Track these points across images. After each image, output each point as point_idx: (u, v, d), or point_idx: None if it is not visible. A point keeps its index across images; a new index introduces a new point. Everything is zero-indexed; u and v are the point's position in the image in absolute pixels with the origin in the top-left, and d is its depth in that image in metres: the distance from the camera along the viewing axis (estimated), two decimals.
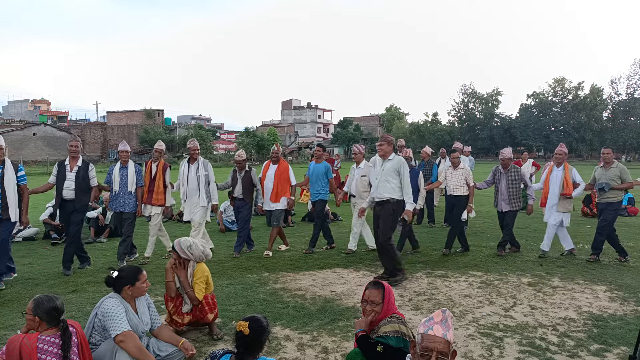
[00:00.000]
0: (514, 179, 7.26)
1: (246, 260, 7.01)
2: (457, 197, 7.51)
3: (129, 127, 58.72)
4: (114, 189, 6.76)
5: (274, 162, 7.63)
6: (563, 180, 7.03)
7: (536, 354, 3.78)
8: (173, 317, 4.12)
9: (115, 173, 6.79)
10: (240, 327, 2.67)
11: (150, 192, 7.03)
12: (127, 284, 3.34)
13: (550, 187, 7.18)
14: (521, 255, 7.31)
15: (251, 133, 56.06)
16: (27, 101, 78.72)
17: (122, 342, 3.08)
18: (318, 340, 4.05)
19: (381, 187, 5.91)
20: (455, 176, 7.53)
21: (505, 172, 7.35)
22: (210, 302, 4.17)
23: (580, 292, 5.43)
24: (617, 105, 63.42)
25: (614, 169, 6.84)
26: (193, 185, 7.11)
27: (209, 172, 7.19)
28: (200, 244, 4.21)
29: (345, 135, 66.82)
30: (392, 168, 5.87)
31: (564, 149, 7.31)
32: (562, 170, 7.10)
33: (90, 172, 6.43)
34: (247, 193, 7.43)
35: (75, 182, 6.28)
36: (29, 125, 50.11)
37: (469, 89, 70.23)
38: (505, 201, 7.30)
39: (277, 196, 7.47)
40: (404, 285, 5.69)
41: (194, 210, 7.17)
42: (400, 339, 2.86)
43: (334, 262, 6.91)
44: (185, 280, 4.11)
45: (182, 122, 76.26)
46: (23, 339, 2.73)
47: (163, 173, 7.07)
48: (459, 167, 7.55)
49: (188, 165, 7.21)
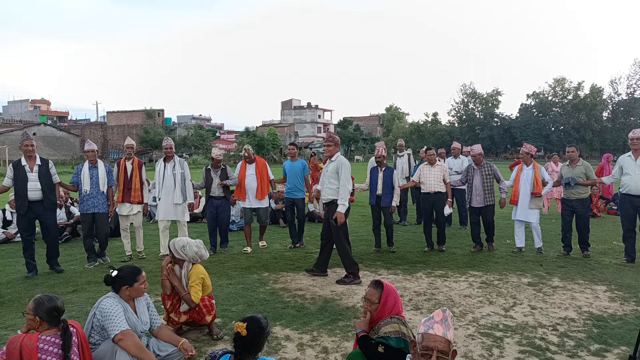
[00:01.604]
0: (488, 174, 7.49)
1: (246, 260, 7.01)
2: (438, 194, 7.58)
3: (129, 127, 58.73)
4: (84, 189, 6.61)
5: (249, 162, 7.68)
6: (533, 179, 7.26)
7: (536, 354, 3.78)
8: (170, 315, 4.10)
9: (85, 173, 6.63)
10: (237, 328, 2.66)
11: (128, 190, 6.98)
12: (125, 284, 3.33)
13: (521, 185, 7.40)
14: (521, 255, 7.31)
15: (251, 133, 56.04)
16: (27, 101, 78.75)
17: (120, 340, 3.08)
18: (318, 340, 4.05)
19: (325, 188, 6.02)
20: (433, 173, 7.60)
21: (478, 168, 7.56)
22: (207, 304, 4.13)
23: (580, 292, 5.43)
24: (617, 105, 63.34)
25: (579, 167, 7.14)
26: (169, 183, 7.07)
27: (185, 170, 7.16)
28: (194, 244, 4.16)
29: (345, 135, 66.78)
30: (334, 169, 5.91)
31: (528, 148, 7.51)
32: (532, 169, 7.35)
33: (51, 169, 6.31)
34: (228, 190, 7.53)
35: (39, 182, 6.09)
36: (29, 125, 50.14)
37: (469, 89, 70.17)
38: (480, 196, 7.48)
39: (262, 193, 7.59)
40: (404, 286, 5.70)
41: (171, 209, 7.11)
42: (401, 339, 2.86)
43: (334, 262, 6.90)
44: (179, 285, 4.05)
45: (182, 122, 76.27)
46: (23, 339, 2.73)
47: (139, 170, 7.06)
48: (436, 164, 7.63)
49: (164, 164, 7.18)
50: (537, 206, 7.36)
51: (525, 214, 7.39)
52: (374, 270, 6.46)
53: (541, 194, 7.26)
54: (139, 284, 3.38)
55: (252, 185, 7.58)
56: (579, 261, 6.88)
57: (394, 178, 7.58)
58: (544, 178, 7.34)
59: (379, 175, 7.63)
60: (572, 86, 64.80)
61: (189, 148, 52.68)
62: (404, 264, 6.76)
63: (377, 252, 7.54)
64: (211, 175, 7.51)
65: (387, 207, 7.57)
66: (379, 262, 6.89)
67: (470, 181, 7.61)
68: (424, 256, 7.26)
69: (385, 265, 6.74)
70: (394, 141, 14.44)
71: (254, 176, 7.59)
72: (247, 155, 7.71)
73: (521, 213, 7.43)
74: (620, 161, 6.93)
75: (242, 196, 7.63)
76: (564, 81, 65.33)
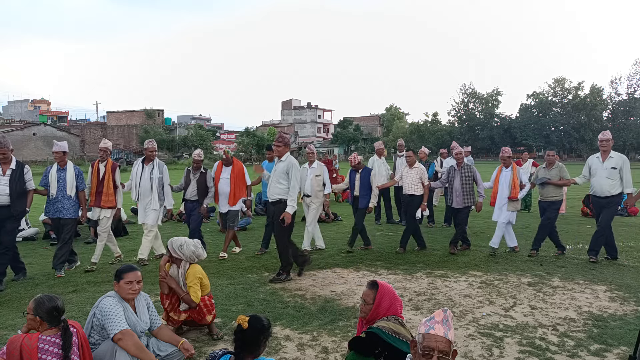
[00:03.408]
0: (467, 176, 7.52)
1: (246, 260, 7.01)
2: (412, 197, 7.60)
3: (129, 127, 58.78)
4: (51, 192, 6.18)
5: (226, 165, 7.46)
6: (511, 181, 7.33)
7: (536, 354, 3.78)
8: (170, 314, 4.10)
9: (52, 175, 6.18)
10: (240, 320, 2.66)
11: (99, 194, 6.55)
12: (115, 279, 3.36)
13: (500, 187, 7.47)
14: (521, 255, 7.31)
15: (251, 133, 56.06)
16: (27, 101, 78.77)
17: (120, 340, 3.08)
18: (318, 340, 4.06)
19: (272, 187, 6.02)
20: (410, 175, 7.62)
21: (459, 169, 7.59)
22: (207, 303, 4.13)
23: (580, 292, 5.43)
24: (617, 105, 63.38)
25: (555, 170, 7.28)
26: (146, 187, 6.80)
27: (164, 174, 6.91)
28: (191, 243, 4.15)
29: (346, 135, 66.78)
30: (284, 169, 5.92)
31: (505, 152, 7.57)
32: (511, 171, 7.39)
33: (27, 174, 5.91)
34: (202, 195, 7.21)
35: (9, 187, 5.72)
36: (29, 125, 50.13)
37: (469, 89, 70.25)
38: (459, 197, 7.49)
39: (234, 198, 7.33)
40: (404, 286, 5.70)
41: (146, 212, 6.89)
42: (389, 335, 2.81)
43: (334, 262, 6.92)
44: (177, 287, 4.04)
45: (182, 122, 76.25)
46: (24, 339, 2.74)
47: (112, 173, 6.62)
48: (414, 166, 7.65)
49: (142, 165, 6.88)
50: (514, 208, 7.41)
51: (504, 214, 7.42)
52: (374, 270, 6.46)
53: (517, 197, 7.32)
54: (125, 282, 3.31)
55: (225, 189, 7.31)
56: (579, 261, 6.88)
57: (371, 179, 7.62)
58: (521, 180, 7.43)
59: (356, 177, 7.72)
60: (572, 86, 64.88)
61: (189, 148, 52.66)
62: (404, 264, 6.76)
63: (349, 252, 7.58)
64: (190, 177, 7.25)
65: (363, 208, 7.62)
66: (379, 262, 6.89)
67: (451, 182, 7.64)
68: (424, 256, 7.26)
69: (385, 265, 6.74)
70: (394, 141, 14.46)
71: (228, 180, 7.31)
72: (225, 158, 7.47)
73: (501, 214, 7.46)
74: (589, 162, 7.07)
75: (216, 199, 7.41)
76: (564, 81, 65.38)
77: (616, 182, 6.65)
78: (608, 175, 6.67)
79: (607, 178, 6.67)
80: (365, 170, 7.71)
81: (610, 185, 6.66)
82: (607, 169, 6.69)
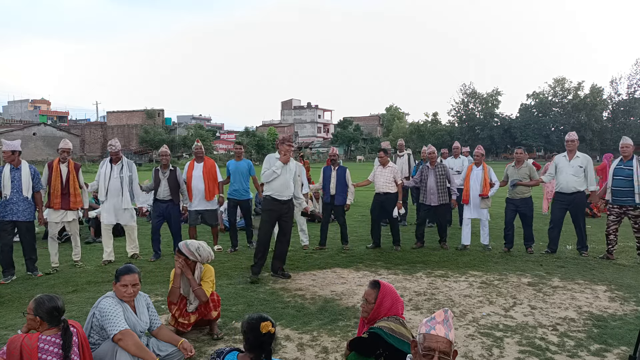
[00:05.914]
0: (441, 174, 7.70)
1: (246, 260, 7.00)
2: (387, 195, 7.67)
3: (129, 127, 58.78)
4: (4, 194, 5.89)
5: (198, 161, 7.41)
6: (482, 179, 7.55)
7: (536, 354, 3.78)
8: (179, 319, 4.10)
9: (5, 176, 5.88)
10: (265, 328, 2.56)
11: (65, 196, 6.35)
12: (114, 279, 3.37)
13: (471, 185, 7.67)
14: (521, 255, 7.31)
15: (251, 133, 56.06)
16: (27, 101, 78.76)
17: (120, 340, 3.08)
18: (318, 340, 4.06)
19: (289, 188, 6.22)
20: (384, 174, 7.70)
21: (432, 168, 7.74)
22: (215, 299, 4.23)
23: (580, 292, 5.43)
24: (617, 105, 63.29)
25: (524, 168, 7.51)
26: (115, 186, 6.72)
27: (133, 173, 6.87)
28: (205, 245, 4.22)
29: (345, 135, 66.77)
30: (296, 170, 6.30)
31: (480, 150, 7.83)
32: (482, 170, 7.63)
33: None
34: (175, 193, 7.07)
35: None
36: (29, 125, 50.16)
37: (469, 89, 70.10)
38: (434, 195, 7.66)
39: (210, 195, 7.33)
40: (404, 286, 5.70)
41: (118, 214, 6.84)
42: (390, 335, 2.81)
43: (334, 262, 6.91)
44: (192, 279, 4.11)
45: (182, 122, 76.24)
46: (24, 339, 2.74)
47: (76, 173, 6.48)
48: (388, 165, 7.74)
49: (110, 165, 6.80)
50: (486, 206, 7.62)
51: (477, 212, 7.64)
52: (374, 270, 6.46)
53: (488, 195, 7.54)
54: (120, 285, 3.30)
55: (199, 186, 7.24)
56: (579, 261, 6.88)
57: (347, 177, 7.77)
58: (491, 179, 7.62)
59: (332, 174, 7.78)
60: (572, 86, 64.73)
61: (189, 148, 52.66)
62: (403, 264, 6.76)
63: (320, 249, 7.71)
64: (159, 176, 7.07)
65: (341, 205, 7.71)
66: (379, 262, 6.89)
67: (424, 180, 7.77)
68: (424, 256, 7.26)
69: (385, 265, 6.74)
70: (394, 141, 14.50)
71: (201, 177, 7.26)
72: (198, 148, 7.39)
73: (474, 211, 7.67)
74: (556, 160, 7.40)
75: (190, 197, 7.31)
76: (564, 81, 65.27)
77: (581, 179, 7.08)
78: (574, 172, 7.08)
79: (573, 175, 7.08)
80: (340, 168, 7.84)
81: (576, 182, 7.07)
82: (573, 167, 7.10)
